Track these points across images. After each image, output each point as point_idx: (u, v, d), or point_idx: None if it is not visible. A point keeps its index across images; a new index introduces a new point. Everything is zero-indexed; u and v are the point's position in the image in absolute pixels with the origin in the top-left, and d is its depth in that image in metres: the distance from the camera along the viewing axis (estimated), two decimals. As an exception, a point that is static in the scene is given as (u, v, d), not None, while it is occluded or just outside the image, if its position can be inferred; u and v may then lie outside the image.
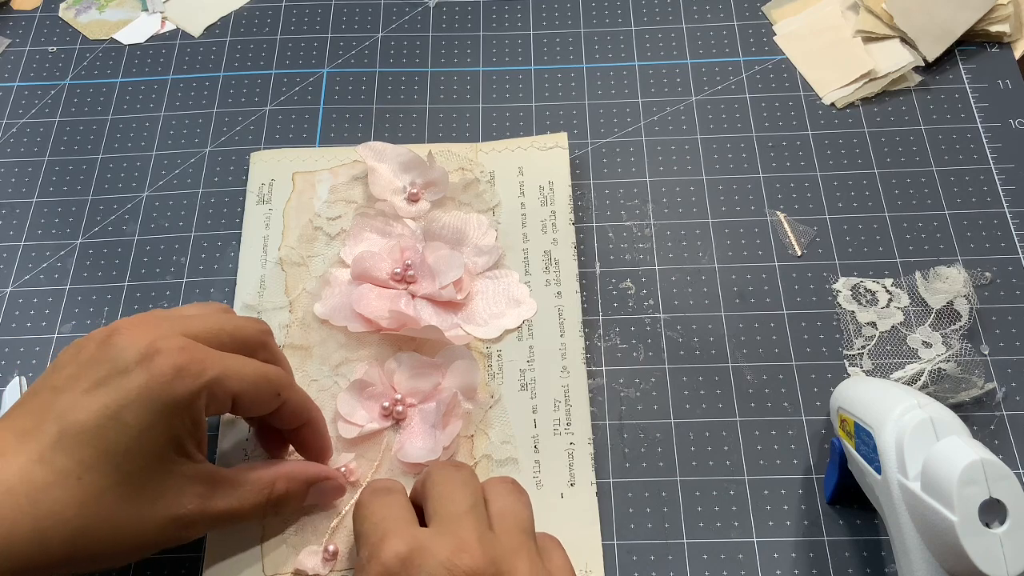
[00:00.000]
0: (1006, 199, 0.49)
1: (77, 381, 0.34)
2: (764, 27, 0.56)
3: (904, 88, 0.53)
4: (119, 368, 0.34)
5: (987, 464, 0.33)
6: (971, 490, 0.32)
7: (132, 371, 0.33)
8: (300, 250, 0.48)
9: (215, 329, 0.37)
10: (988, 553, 0.32)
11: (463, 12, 0.58)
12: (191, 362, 0.34)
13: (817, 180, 0.50)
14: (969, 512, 0.32)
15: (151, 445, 0.34)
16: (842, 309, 0.46)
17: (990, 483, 0.33)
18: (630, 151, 0.52)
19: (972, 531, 0.32)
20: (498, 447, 0.43)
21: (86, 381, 0.34)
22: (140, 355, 0.34)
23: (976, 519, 0.32)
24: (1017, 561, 0.32)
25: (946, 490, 0.33)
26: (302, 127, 0.53)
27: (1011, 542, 0.32)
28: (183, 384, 0.34)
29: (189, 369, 0.34)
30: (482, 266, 0.47)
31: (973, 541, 0.32)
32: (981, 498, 0.32)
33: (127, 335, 0.34)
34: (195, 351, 0.35)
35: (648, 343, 0.46)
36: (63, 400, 0.34)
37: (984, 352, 0.45)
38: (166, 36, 0.58)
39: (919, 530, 0.34)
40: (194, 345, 0.35)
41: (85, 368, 0.34)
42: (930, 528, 0.34)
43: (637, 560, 0.41)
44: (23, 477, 0.32)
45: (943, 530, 0.33)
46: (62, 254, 0.50)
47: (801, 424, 0.44)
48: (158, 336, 0.34)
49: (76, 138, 0.54)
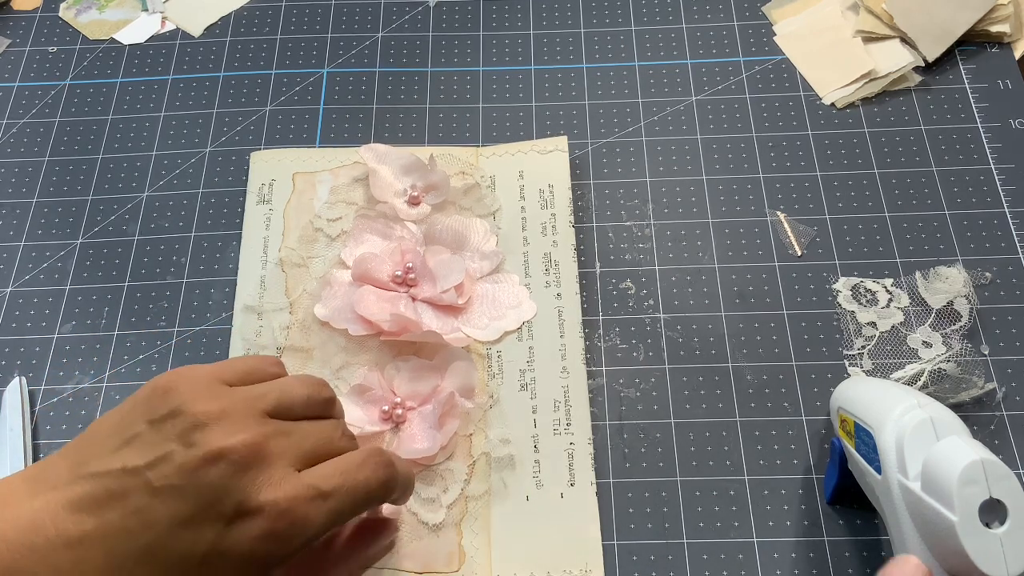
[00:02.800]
0: (1006, 199, 0.49)
1: (174, 497, 0.30)
2: (764, 27, 0.56)
3: (904, 88, 0.53)
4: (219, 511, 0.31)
5: (987, 464, 0.33)
6: (971, 490, 0.32)
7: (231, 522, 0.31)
8: (300, 251, 0.48)
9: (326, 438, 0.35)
10: (988, 553, 0.32)
11: (463, 12, 0.58)
12: (291, 527, 0.31)
13: (817, 180, 0.50)
14: (969, 512, 0.32)
15: None
16: (842, 309, 0.46)
17: (990, 483, 0.33)
18: (630, 151, 0.52)
19: (972, 531, 0.32)
20: (497, 446, 0.43)
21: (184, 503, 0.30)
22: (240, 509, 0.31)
23: (976, 519, 0.32)
24: (1017, 561, 0.32)
25: (946, 490, 0.33)
26: (302, 127, 0.53)
27: (1011, 542, 0.32)
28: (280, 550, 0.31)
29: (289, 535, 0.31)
30: (482, 271, 0.47)
31: (973, 541, 0.32)
32: (981, 498, 0.32)
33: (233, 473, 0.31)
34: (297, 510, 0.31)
35: (648, 343, 0.46)
36: (156, 510, 0.31)
37: (984, 352, 0.45)
38: (166, 36, 0.58)
39: (919, 530, 0.34)
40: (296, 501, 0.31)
41: (185, 481, 0.31)
42: (930, 528, 0.34)
43: (637, 560, 0.41)
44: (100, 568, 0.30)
45: (943, 530, 0.33)
46: (62, 254, 0.50)
47: (801, 424, 0.44)
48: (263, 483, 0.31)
49: (76, 138, 0.54)
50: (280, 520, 0.31)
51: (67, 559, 0.29)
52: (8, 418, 0.44)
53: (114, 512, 0.30)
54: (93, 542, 0.30)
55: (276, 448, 0.32)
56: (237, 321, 0.47)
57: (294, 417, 0.34)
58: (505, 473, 0.43)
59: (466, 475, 0.42)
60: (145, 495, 0.30)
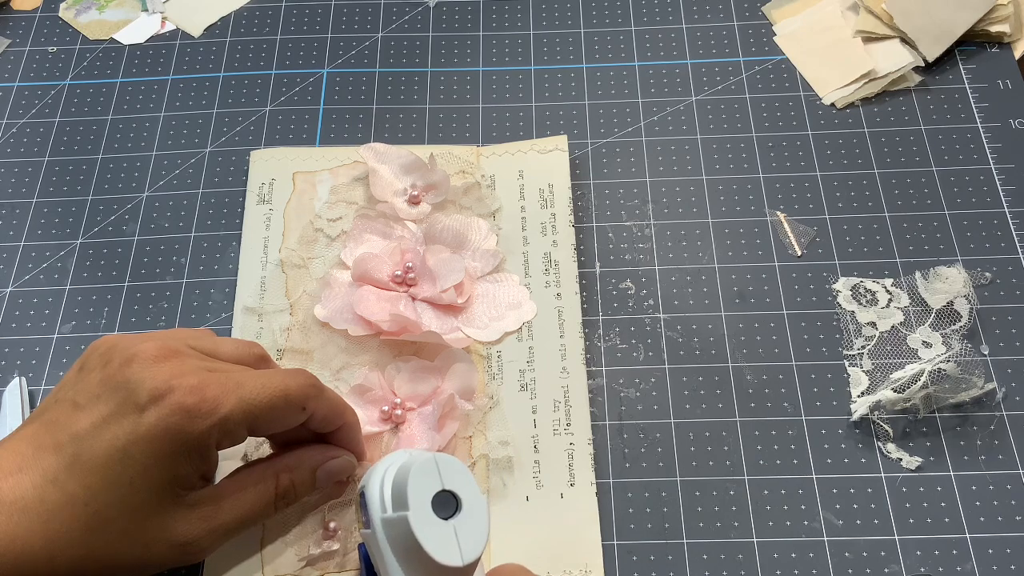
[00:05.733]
0: (1006, 199, 0.49)
1: (96, 403, 0.34)
2: (764, 27, 0.56)
3: (904, 88, 0.53)
4: (133, 402, 0.34)
5: (441, 460, 0.33)
6: (423, 481, 0.33)
7: (145, 408, 0.34)
8: (300, 252, 0.48)
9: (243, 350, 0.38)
10: (442, 542, 0.32)
11: (463, 12, 0.58)
12: (202, 402, 0.34)
13: (817, 180, 0.50)
14: (422, 503, 0.32)
15: (157, 481, 0.34)
16: (842, 309, 0.46)
17: (443, 476, 0.33)
18: (630, 151, 0.52)
19: (425, 521, 0.32)
20: (496, 448, 0.43)
21: (104, 405, 0.34)
22: (153, 393, 0.34)
23: (429, 510, 0.33)
24: (471, 549, 0.32)
25: (403, 491, 0.33)
26: (302, 127, 0.53)
27: (465, 531, 0.33)
28: (192, 425, 0.34)
29: (199, 409, 0.34)
30: (482, 270, 0.47)
31: (426, 531, 0.32)
32: (434, 489, 0.33)
33: (146, 367, 0.34)
34: (208, 389, 0.34)
35: (648, 343, 0.46)
36: (80, 421, 0.34)
37: (984, 352, 0.45)
38: (166, 36, 0.58)
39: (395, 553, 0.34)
40: (207, 382, 0.34)
41: (105, 389, 0.35)
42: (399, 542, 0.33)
43: (637, 560, 0.41)
44: (37, 496, 0.33)
45: (403, 532, 0.33)
46: (62, 254, 0.50)
47: (801, 424, 0.44)
48: (173, 373, 0.34)
49: (76, 138, 0.54)
50: (190, 395, 0.34)
51: (7, 487, 0.33)
52: (8, 418, 0.44)
53: (47, 436, 0.34)
54: (31, 466, 0.34)
55: (191, 354, 0.36)
56: (237, 322, 0.47)
57: (220, 358, 0.37)
58: (505, 473, 0.43)
59: (466, 475, 0.42)
60: (70, 412, 0.35)
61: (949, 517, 0.41)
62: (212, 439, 0.34)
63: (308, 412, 0.37)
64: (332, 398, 0.38)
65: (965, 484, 0.42)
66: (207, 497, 0.36)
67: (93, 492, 0.33)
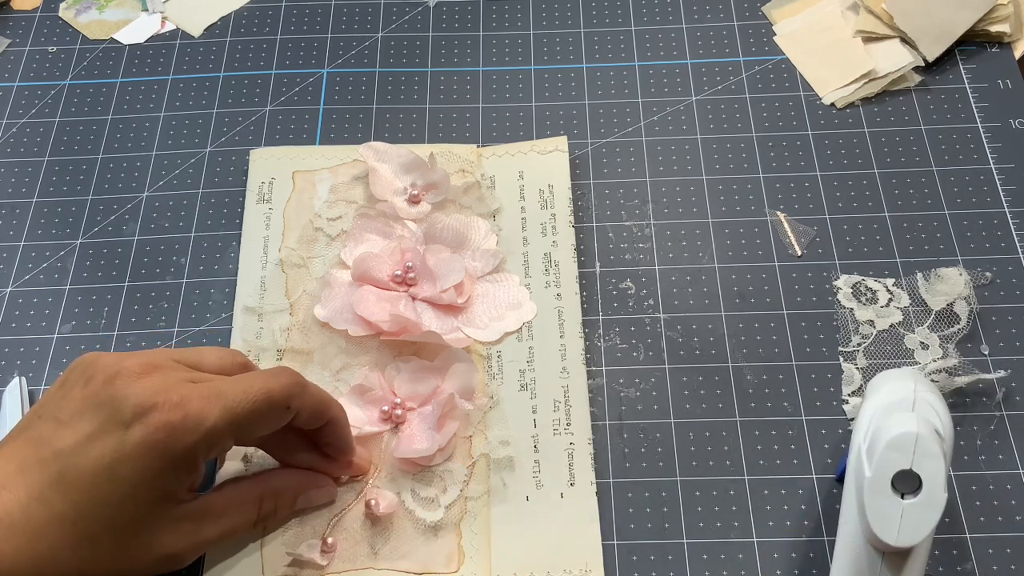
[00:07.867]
0: (1006, 199, 0.49)
1: (80, 420, 0.34)
2: (764, 27, 0.56)
3: (904, 88, 0.53)
4: (117, 419, 0.34)
5: (922, 440, 0.33)
6: (894, 455, 0.33)
7: (130, 425, 0.33)
8: (300, 251, 0.48)
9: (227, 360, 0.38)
10: (886, 517, 0.32)
11: (463, 12, 0.58)
12: (186, 417, 0.34)
13: (817, 180, 0.50)
14: (883, 474, 0.33)
15: (144, 498, 0.34)
16: (841, 306, 0.46)
17: (916, 456, 0.33)
18: (630, 151, 0.52)
19: (878, 491, 0.32)
20: (496, 447, 0.43)
21: (87, 423, 0.34)
22: (137, 410, 0.34)
23: (887, 482, 0.32)
24: (911, 534, 0.32)
25: (875, 450, 0.33)
26: (302, 127, 0.53)
27: (913, 515, 0.32)
28: (178, 441, 0.34)
29: (184, 425, 0.34)
30: (483, 270, 0.47)
31: (875, 501, 0.32)
32: (901, 466, 0.33)
33: (129, 383, 0.34)
34: (191, 404, 0.34)
35: (648, 343, 0.46)
36: (64, 438, 0.34)
37: (984, 352, 0.45)
38: (166, 36, 0.58)
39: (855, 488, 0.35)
40: (190, 395, 0.34)
41: (88, 406, 0.34)
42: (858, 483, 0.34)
43: (637, 560, 0.41)
44: (24, 514, 0.33)
45: (860, 486, 0.33)
46: (62, 254, 0.50)
47: (801, 424, 0.44)
48: (157, 389, 0.34)
49: (76, 138, 0.54)
50: (175, 411, 0.34)
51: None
52: (8, 418, 0.44)
53: (30, 453, 0.34)
54: (15, 484, 0.33)
55: (174, 367, 0.36)
56: (237, 322, 0.47)
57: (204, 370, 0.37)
58: (505, 473, 0.43)
59: (465, 476, 0.42)
60: (54, 429, 0.34)
61: (949, 517, 0.41)
62: (198, 452, 0.35)
63: (293, 411, 0.37)
64: (316, 394, 0.39)
65: (965, 484, 0.42)
66: (193, 513, 0.36)
67: (80, 511, 0.33)
